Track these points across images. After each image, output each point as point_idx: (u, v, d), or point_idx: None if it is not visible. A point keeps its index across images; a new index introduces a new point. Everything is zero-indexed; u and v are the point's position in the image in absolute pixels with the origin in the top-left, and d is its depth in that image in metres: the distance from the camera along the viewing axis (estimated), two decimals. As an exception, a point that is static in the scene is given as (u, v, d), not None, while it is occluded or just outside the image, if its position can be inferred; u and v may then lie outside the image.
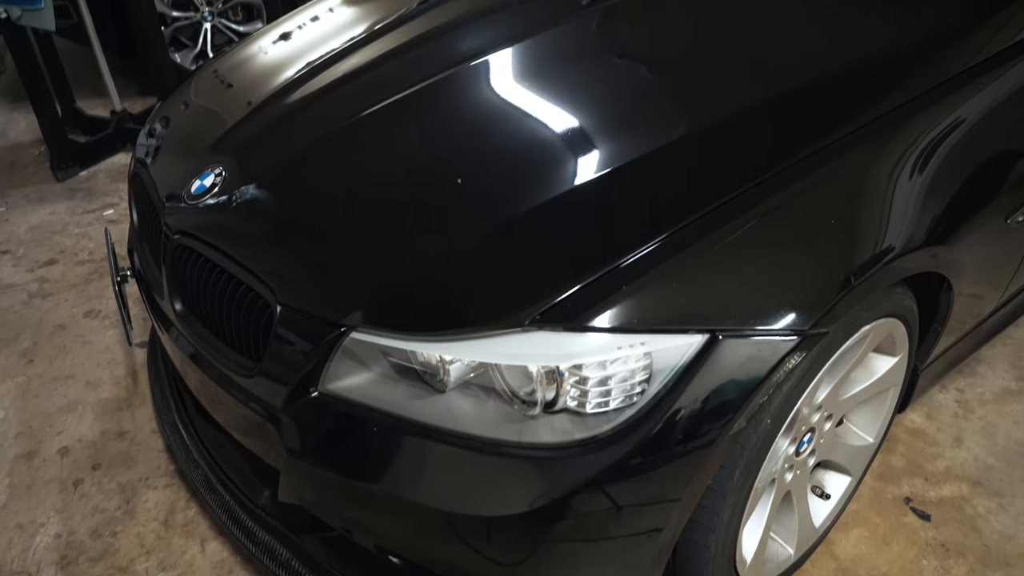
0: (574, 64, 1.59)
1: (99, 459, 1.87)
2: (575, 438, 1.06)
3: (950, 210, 1.34)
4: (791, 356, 1.11)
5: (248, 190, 1.41)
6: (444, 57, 1.66)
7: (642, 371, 1.05)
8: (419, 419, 1.11)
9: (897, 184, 1.28)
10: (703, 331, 1.06)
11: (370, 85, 1.64)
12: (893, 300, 1.34)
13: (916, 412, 1.90)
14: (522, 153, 1.34)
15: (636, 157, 1.27)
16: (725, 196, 1.17)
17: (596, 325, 1.05)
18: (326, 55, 1.79)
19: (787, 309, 1.11)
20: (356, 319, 1.13)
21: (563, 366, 1.04)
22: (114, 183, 3.20)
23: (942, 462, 1.78)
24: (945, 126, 1.34)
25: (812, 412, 1.34)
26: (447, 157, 1.37)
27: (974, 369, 2.01)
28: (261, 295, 1.23)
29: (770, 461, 1.27)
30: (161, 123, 1.83)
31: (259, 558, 1.43)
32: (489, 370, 1.08)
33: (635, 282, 1.08)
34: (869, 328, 1.31)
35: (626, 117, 1.40)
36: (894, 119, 1.31)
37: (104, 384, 2.10)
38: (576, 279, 1.08)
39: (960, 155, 1.36)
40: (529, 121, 1.43)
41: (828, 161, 1.24)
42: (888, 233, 1.25)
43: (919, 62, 1.41)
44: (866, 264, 1.20)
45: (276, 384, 1.21)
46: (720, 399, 1.08)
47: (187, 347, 1.41)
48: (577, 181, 1.25)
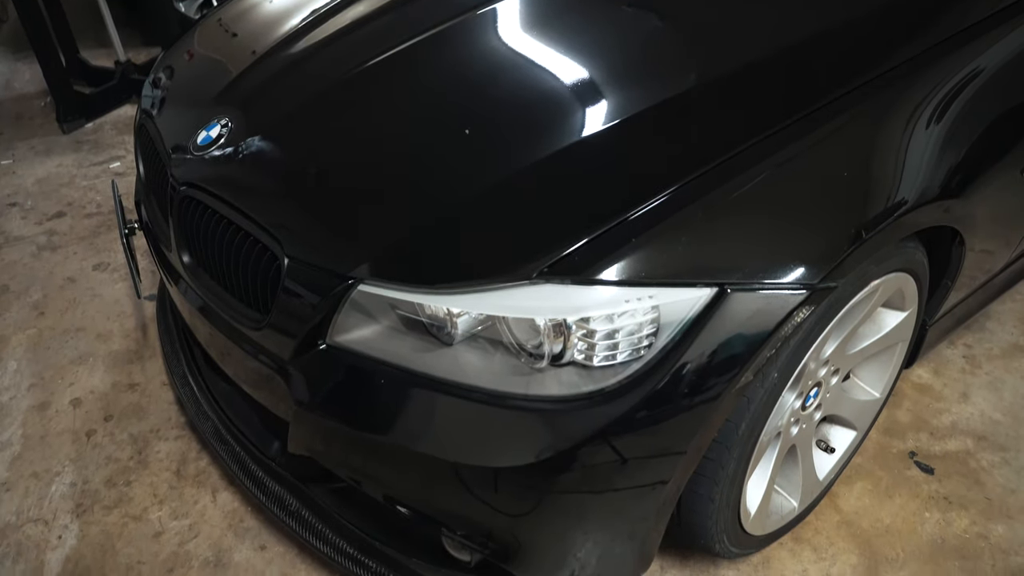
0: (583, 12, 1.56)
1: (111, 410, 1.89)
2: (582, 391, 1.06)
3: (965, 163, 1.32)
4: (800, 310, 1.11)
5: (254, 141, 1.40)
6: (451, 5, 1.63)
7: (650, 324, 1.05)
8: (426, 371, 1.11)
9: (912, 136, 1.26)
10: (712, 284, 1.06)
11: (376, 34, 1.61)
12: (904, 254, 1.33)
13: (923, 367, 1.90)
14: (530, 103, 1.32)
15: (646, 108, 1.25)
16: (736, 148, 1.15)
17: (604, 278, 1.04)
18: (332, 3, 1.76)
19: (797, 263, 1.10)
20: (364, 271, 1.12)
21: (570, 319, 1.04)
22: (120, 135, 3.18)
23: (948, 417, 1.78)
24: (962, 76, 1.31)
25: (819, 366, 1.34)
26: (454, 107, 1.36)
27: (983, 325, 2.00)
28: (268, 247, 1.23)
29: (776, 415, 1.27)
30: (165, 73, 1.81)
31: (269, 508, 1.46)
32: (496, 323, 1.08)
33: (644, 235, 1.07)
34: (879, 282, 1.30)
35: (636, 67, 1.38)
36: (910, 69, 1.28)
37: (114, 336, 2.12)
38: (584, 232, 1.07)
39: (977, 107, 1.33)
40: (537, 71, 1.40)
41: (842, 112, 1.21)
42: (901, 186, 1.23)
43: (936, 10, 1.38)
44: (878, 218, 1.19)
45: (284, 336, 1.21)
46: (727, 352, 1.07)
47: (195, 300, 1.41)
48: (586, 132, 1.23)
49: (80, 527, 1.62)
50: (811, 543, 1.56)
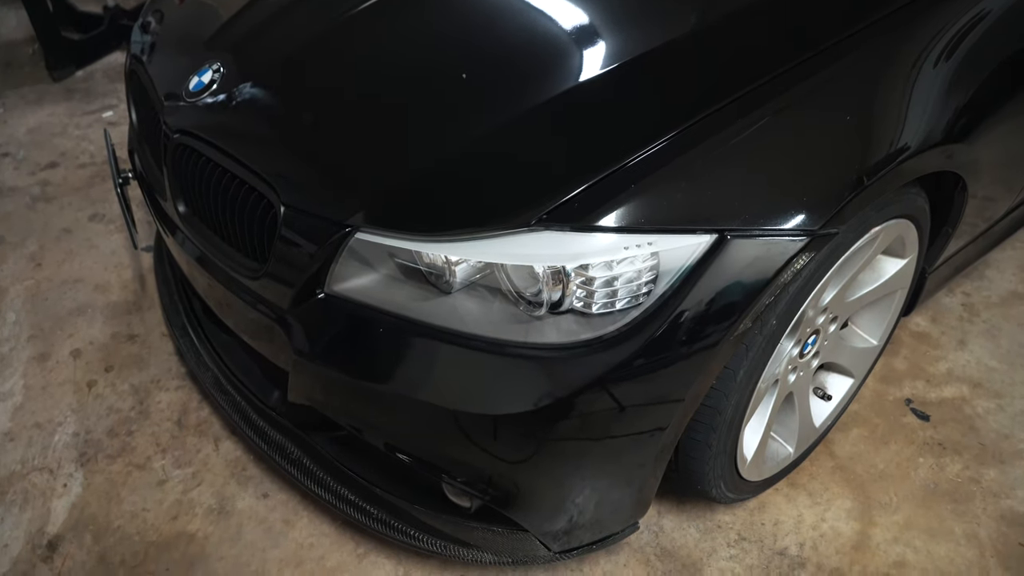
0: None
1: (111, 361, 1.90)
2: (580, 338, 1.06)
3: (970, 107, 1.30)
4: (799, 256, 1.10)
5: (247, 87, 1.37)
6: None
7: (649, 271, 1.05)
8: (425, 320, 1.11)
9: (916, 81, 1.23)
10: (711, 231, 1.05)
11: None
12: (905, 201, 1.32)
13: (921, 315, 1.90)
14: (527, 48, 1.29)
15: (644, 51, 1.22)
16: (737, 92, 1.13)
17: (603, 225, 1.03)
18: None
19: (797, 209, 1.09)
20: (360, 219, 1.11)
21: (569, 266, 1.03)
22: (111, 83, 3.12)
23: (944, 364, 1.79)
24: (968, 19, 1.29)
25: (818, 314, 1.35)
26: (451, 52, 1.33)
27: (982, 272, 2.00)
28: (264, 195, 1.21)
29: (774, 362, 1.27)
30: (155, 17, 1.77)
31: (271, 456, 1.47)
32: (495, 270, 1.08)
33: (643, 181, 1.05)
34: (879, 229, 1.29)
35: (634, 9, 1.34)
36: (914, 12, 1.25)
37: (112, 288, 2.12)
38: (583, 178, 1.06)
39: (982, 50, 1.31)
40: (534, 14, 1.37)
41: (844, 56, 1.19)
42: (904, 131, 1.21)
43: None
44: (880, 164, 1.17)
45: (282, 286, 1.21)
46: (726, 300, 1.07)
47: (193, 250, 1.40)
48: (583, 77, 1.20)
49: (84, 476, 1.64)
50: (806, 488, 1.59)
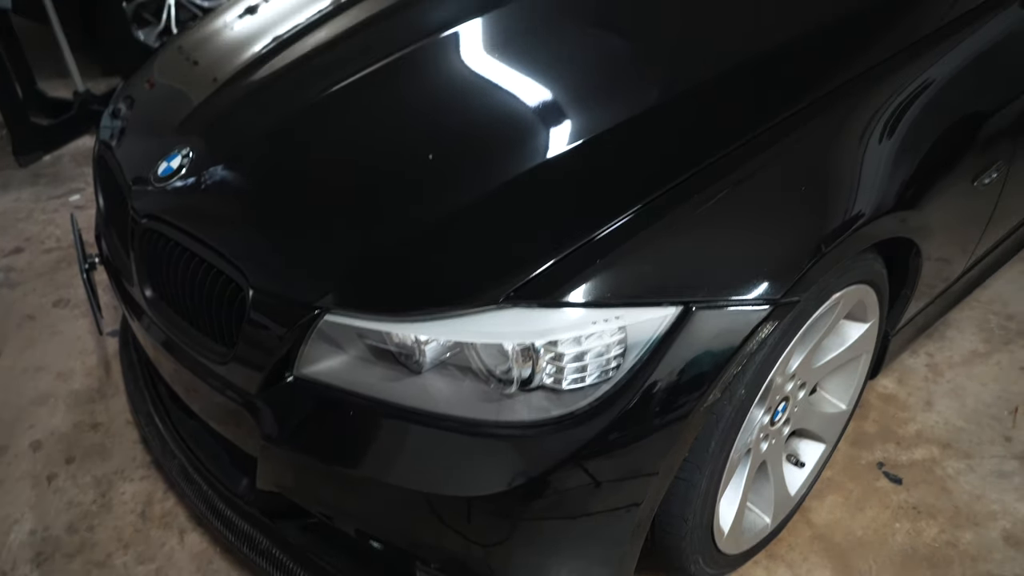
0: (545, 34, 1.57)
1: (73, 452, 1.84)
2: (552, 415, 1.06)
3: (919, 174, 1.35)
4: (763, 325, 1.12)
5: (216, 171, 1.39)
6: (413, 30, 1.63)
7: (617, 345, 1.06)
8: (396, 401, 1.10)
9: (866, 149, 1.28)
10: (676, 303, 1.07)
11: (338, 59, 1.61)
12: (863, 266, 1.36)
13: (888, 377, 1.93)
14: (493, 127, 1.33)
15: (607, 128, 1.26)
16: (697, 165, 1.17)
17: (571, 300, 1.05)
18: (293, 29, 1.75)
19: (759, 278, 1.12)
20: (330, 301, 1.11)
21: (538, 343, 1.04)
22: (79, 167, 3.13)
23: (913, 426, 1.81)
24: (913, 89, 1.35)
25: (786, 381, 1.36)
26: (418, 133, 1.36)
27: (943, 333, 2.05)
28: (233, 279, 1.21)
29: (745, 431, 1.28)
30: (125, 103, 1.79)
31: (239, 548, 1.43)
32: (465, 349, 1.08)
33: (609, 255, 1.07)
34: (840, 295, 1.32)
35: (597, 88, 1.39)
36: (863, 83, 1.31)
37: (76, 375, 2.07)
38: (550, 254, 1.07)
39: (928, 118, 1.37)
40: (500, 94, 1.41)
41: (798, 127, 1.24)
42: (858, 199, 1.26)
43: (886, 25, 1.41)
44: (836, 230, 1.21)
45: (251, 370, 1.20)
46: (695, 371, 1.08)
47: (159, 334, 1.39)
48: (549, 154, 1.24)
49: None
50: (785, 559, 1.57)
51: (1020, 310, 2.11)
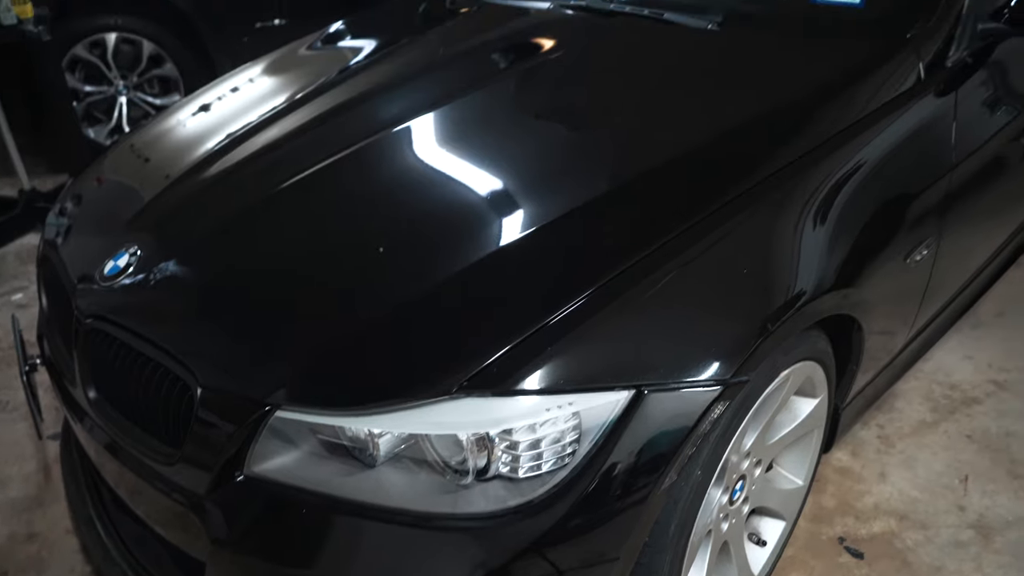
0: (494, 127, 1.63)
1: (5, 566, 1.74)
2: (509, 505, 1.05)
3: (854, 253, 1.41)
4: (715, 406, 1.14)
5: (165, 268, 1.38)
6: (365, 125, 1.67)
7: (572, 431, 1.06)
8: (350, 497, 1.08)
9: (805, 230, 1.34)
10: (629, 387, 1.08)
11: (291, 155, 1.63)
12: (809, 343, 1.39)
13: (842, 451, 1.95)
14: (444, 219, 1.35)
15: (556, 216, 1.29)
16: (645, 250, 1.20)
17: (524, 388, 1.05)
18: (247, 126, 1.78)
19: (708, 359, 1.14)
20: (281, 397, 1.10)
21: (493, 432, 1.04)
22: (23, 265, 3.07)
23: (870, 498, 1.83)
24: (844, 172, 1.42)
25: (741, 459, 1.37)
26: (369, 226, 1.37)
27: (892, 404, 2.09)
28: (180, 377, 1.19)
29: (704, 512, 1.27)
30: (73, 201, 1.78)
31: (186, 658, 1.35)
32: (419, 441, 1.07)
33: (560, 341, 1.09)
34: (788, 372, 1.35)
35: (546, 177, 1.43)
36: (798, 168, 1.37)
37: (12, 482, 1.98)
38: (502, 342, 1.08)
39: (859, 200, 1.44)
40: (451, 186, 1.45)
41: (741, 211, 1.28)
42: (800, 278, 1.30)
43: (816, 114, 1.49)
44: (781, 309, 1.25)
45: (199, 470, 1.16)
46: (650, 454, 1.09)
47: (102, 437, 1.34)
48: (500, 243, 1.26)
49: None
50: (754, 640, 1.54)
51: (962, 379, 2.17)
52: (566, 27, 1.95)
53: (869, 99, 1.53)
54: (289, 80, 2.06)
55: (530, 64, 1.84)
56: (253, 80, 2.11)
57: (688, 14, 1.81)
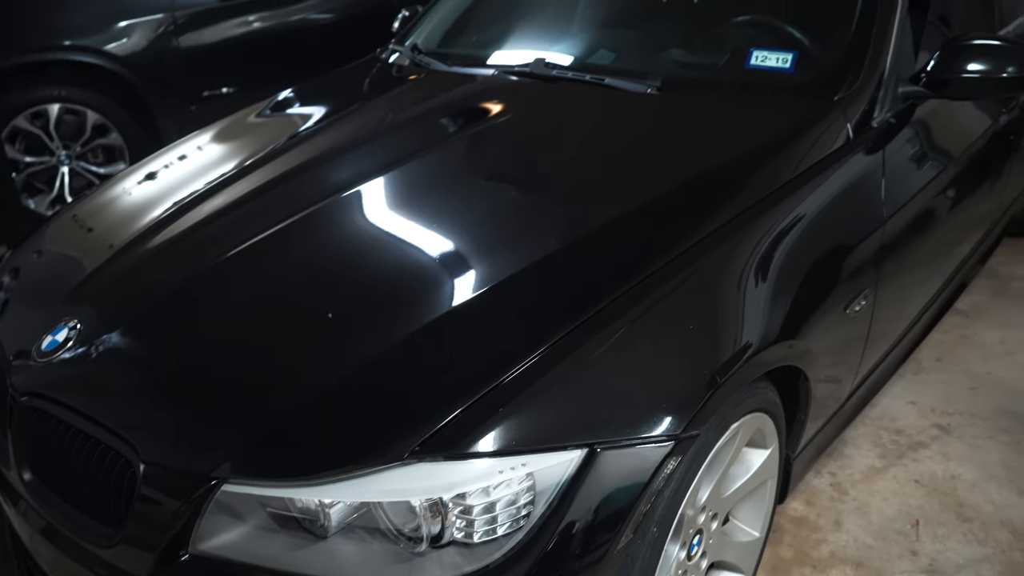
0: (442, 191, 1.64)
1: (-68, 661, 1.63)
2: (465, 571, 1.03)
3: (796, 305, 1.45)
4: (668, 461, 1.14)
5: (106, 341, 1.34)
6: (314, 191, 1.67)
7: (526, 493, 1.05)
8: (302, 572, 1.05)
9: (747, 284, 1.38)
10: (582, 445, 1.08)
11: (239, 222, 1.62)
12: (757, 395, 1.42)
13: (796, 500, 1.97)
14: (394, 282, 1.36)
15: (506, 276, 1.30)
16: (593, 308, 1.22)
17: (477, 450, 1.05)
18: (194, 193, 1.76)
19: (659, 415, 1.15)
20: (227, 470, 1.07)
21: (447, 497, 1.03)
22: (-44, 342, 2.95)
23: (826, 547, 1.84)
24: (786, 223, 1.47)
25: (697, 513, 1.37)
26: (318, 292, 1.37)
27: (842, 451, 2.12)
28: (122, 454, 1.15)
29: (663, 569, 1.27)
30: (10, 275, 1.73)
31: None
32: (372, 509, 1.05)
33: (511, 403, 1.09)
34: (738, 424, 1.37)
35: (495, 238, 1.45)
36: (738, 224, 1.42)
37: (-60, 570, 1.86)
38: (453, 405, 1.08)
39: (799, 254, 1.49)
40: (400, 249, 1.46)
41: (686, 267, 1.32)
42: (745, 331, 1.34)
43: (754, 173, 1.55)
44: (728, 362, 1.27)
45: (141, 551, 1.12)
46: (605, 512, 1.09)
47: (38, 521, 1.28)
48: (450, 305, 1.27)
49: None
50: None
51: (907, 424, 2.22)
52: (511, 93, 2.00)
53: (803, 158, 1.60)
54: (238, 147, 2.06)
55: (477, 129, 1.88)
56: (201, 147, 2.10)
57: (628, 79, 1.88)
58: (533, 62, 2.04)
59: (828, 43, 1.88)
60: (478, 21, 2.52)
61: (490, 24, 2.48)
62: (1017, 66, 1.67)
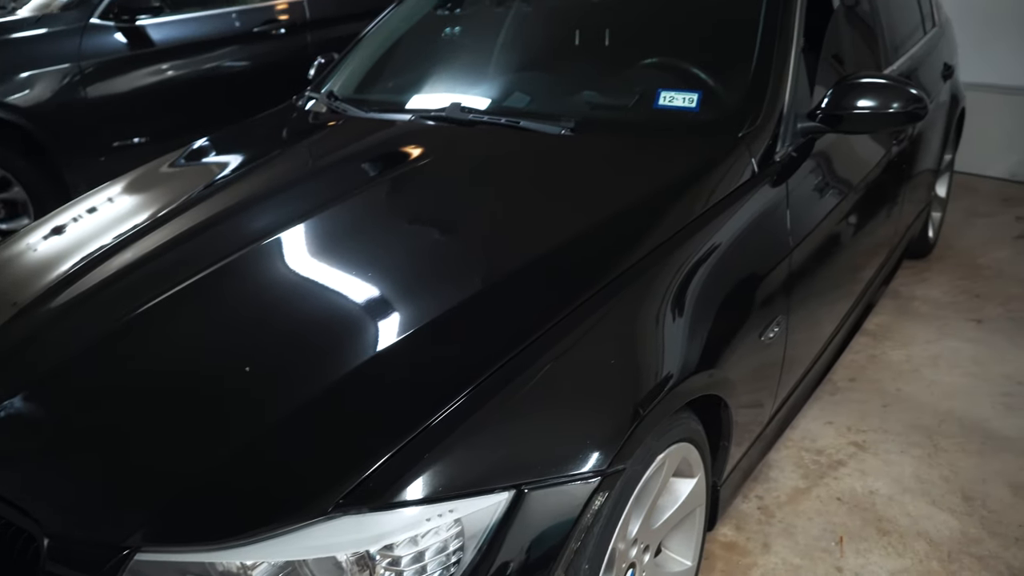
0: (363, 235, 1.64)
1: None
2: (397, 623, 1.01)
3: (713, 335, 1.50)
4: (596, 497, 1.15)
5: (7, 407, 1.28)
6: (232, 240, 1.64)
7: (455, 539, 1.04)
8: (225, 637, 1.01)
9: (665, 317, 1.41)
10: (509, 487, 1.08)
11: (152, 276, 1.57)
12: (681, 425, 1.45)
13: (726, 526, 2.00)
14: (315, 331, 1.34)
15: (426, 322, 1.30)
16: (515, 349, 1.22)
17: (403, 500, 1.03)
18: (103, 248, 1.70)
19: (585, 450, 1.16)
20: (140, 538, 1.02)
21: (374, 549, 1.01)
22: None
23: (757, 571, 1.87)
24: (696, 260, 1.51)
25: (628, 547, 1.38)
26: (235, 345, 1.34)
27: (767, 474, 2.18)
28: (24, 528, 1.09)
29: (598, 606, 1.27)
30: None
31: None
32: (297, 567, 1.02)
33: (438, 446, 1.08)
34: (664, 455, 1.39)
35: (416, 282, 1.45)
36: (654, 259, 1.46)
37: None
38: (377, 453, 1.06)
39: (713, 285, 1.54)
40: (320, 297, 1.44)
41: (606, 302, 1.34)
42: (665, 363, 1.37)
43: (665, 208, 1.60)
44: (650, 394, 1.30)
45: (51, 630, 1.05)
46: (536, 553, 1.08)
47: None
48: (373, 351, 1.25)
49: None
50: None
51: (827, 444, 2.30)
52: (429, 137, 2.02)
53: (712, 192, 1.66)
54: (151, 198, 2.01)
55: (396, 174, 1.88)
56: (112, 199, 2.04)
57: (543, 121, 1.93)
58: (449, 106, 2.07)
59: (730, 83, 1.97)
60: (394, 67, 2.55)
61: (406, 70, 2.51)
62: (902, 102, 1.79)
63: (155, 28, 3.63)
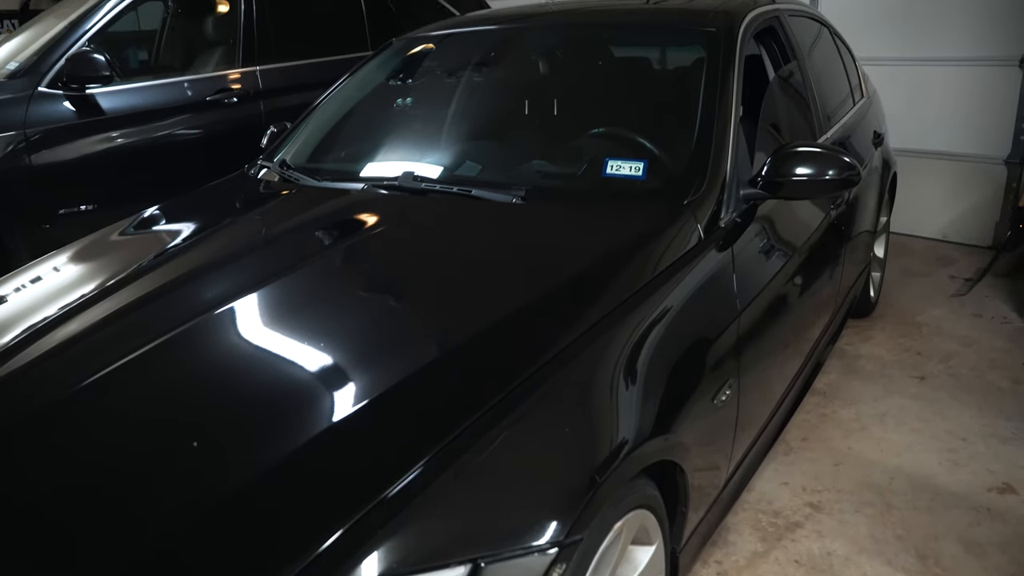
0: (315, 305, 1.62)
1: None
2: None
3: (666, 399, 1.50)
4: (553, 569, 1.13)
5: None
6: (181, 310, 1.61)
7: (409, 619, 1.01)
8: None
9: (619, 383, 1.42)
10: (464, 561, 1.06)
11: (99, 347, 1.52)
12: (637, 492, 1.44)
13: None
14: (263, 405, 1.31)
15: (381, 391, 1.29)
16: (470, 417, 1.21)
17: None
18: (45, 319, 1.65)
19: (542, 521, 1.15)
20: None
21: (323, 636, 0.97)
22: None
23: (719, 638, 1.85)
24: (647, 326, 1.53)
25: (589, 619, 1.35)
26: (180, 420, 1.29)
27: (725, 538, 2.17)
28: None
29: None
30: None
31: None
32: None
33: (391, 522, 1.05)
34: (621, 523, 1.37)
35: (368, 353, 1.44)
36: (606, 324, 1.47)
37: None
38: (328, 531, 1.03)
39: (664, 350, 1.55)
40: (270, 370, 1.41)
41: (557, 371, 1.35)
42: (620, 429, 1.37)
43: (616, 274, 1.63)
44: (606, 461, 1.29)
45: None
46: (494, 630, 1.05)
47: None
48: (325, 424, 1.23)
49: None
50: None
51: (782, 505, 2.31)
52: (381, 206, 2.03)
53: (660, 259, 1.70)
54: (98, 266, 1.97)
55: (348, 243, 1.89)
56: (57, 268, 1.99)
57: (494, 190, 1.96)
58: (402, 175, 2.10)
59: (674, 152, 2.04)
60: (347, 136, 2.58)
61: (359, 139, 2.54)
62: (837, 169, 1.88)
63: (105, 96, 3.61)
